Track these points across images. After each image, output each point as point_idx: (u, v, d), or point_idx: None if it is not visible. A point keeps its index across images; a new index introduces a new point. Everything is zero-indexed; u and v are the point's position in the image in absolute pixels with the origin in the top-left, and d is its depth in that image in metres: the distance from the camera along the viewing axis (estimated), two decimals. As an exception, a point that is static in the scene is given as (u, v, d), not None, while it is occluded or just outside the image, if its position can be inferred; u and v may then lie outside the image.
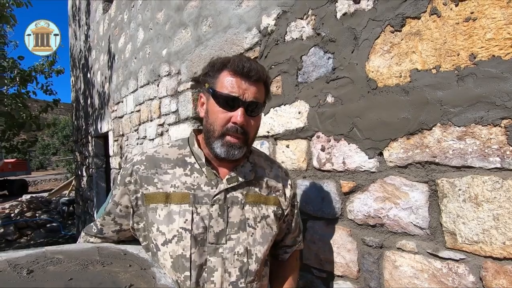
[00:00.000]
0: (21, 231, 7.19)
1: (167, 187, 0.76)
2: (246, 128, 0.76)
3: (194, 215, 0.74)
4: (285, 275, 0.97)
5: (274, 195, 0.88)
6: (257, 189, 0.85)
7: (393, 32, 1.04)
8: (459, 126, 0.88)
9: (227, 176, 0.81)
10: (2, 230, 6.95)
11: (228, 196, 0.79)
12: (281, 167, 0.97)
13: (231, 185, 0.80)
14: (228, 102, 0.74)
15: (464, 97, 0.87)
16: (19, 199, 10.28)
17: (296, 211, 0.98)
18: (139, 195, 0.76)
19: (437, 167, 0.94)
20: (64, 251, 0.69)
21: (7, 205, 9.26)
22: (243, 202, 0.80)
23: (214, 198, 0.77)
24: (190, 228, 0.73)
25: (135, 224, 0.78)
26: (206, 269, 0.72)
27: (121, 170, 0.80)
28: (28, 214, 8.54)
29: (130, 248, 0.78)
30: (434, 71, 0.94)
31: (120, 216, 0.79)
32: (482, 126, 0.84)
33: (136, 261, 0.72)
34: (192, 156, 0.82)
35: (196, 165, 0.80)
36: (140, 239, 0.79)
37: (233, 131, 0.75)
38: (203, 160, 0.80)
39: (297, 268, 1.04)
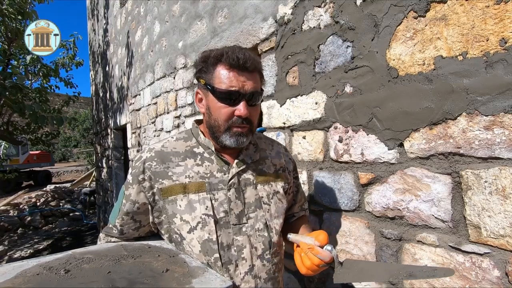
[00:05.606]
0: (46, 219, 7.57)
1: (182, 178, 0.79)
2: (250, 118, 0.79)
3: (213, 201, 0.78)
4: (298, 225, 0.99)
5: (280, 171, 0.93)
6: (264, 169, 0.90)
7: (416, 18, 1.00)
8: (486, 116, 0.84)
9: (236, 161, 0.84)
10: (29, 218, 7.34)
11: (240, 179, 0.83)
12: (280, 144, 1.02)
13: (241, 168, 0.84)
14: (229, 97, 0.75)
15: (493, 84, 0.83)
16: (44, 189, 10.80)
17: (298, 182, 1.04)
18: (155, 190, 0.78)
19: (462, 158, 0.90)
20: (91, 251, 0.71)
21: (33, 194, 9.75)
22: (255, 182, 0.85)
23: (229, 183, 0.81)
24: (212, 214, 0.76)
25: (155, 219, 0.80)
26: (235, 248, 0.77)
27: (131, 169, 0.81)
28: (53, 203, 8.96)
29: (152, 242, 0.81)
30: (460, 57, 0.89)
31: (139, 213, 0.81)
32: (512, 115, 0.79)
33: (163, 251, 0.74)
34: (200, 147, 0.85)
35: (206, 154, 0.84)
36: (162, 231, 0.82)
37: (238, 123, 0.77)
38: (213, 149, 0.83)
39: (308, 223, 1.07)
